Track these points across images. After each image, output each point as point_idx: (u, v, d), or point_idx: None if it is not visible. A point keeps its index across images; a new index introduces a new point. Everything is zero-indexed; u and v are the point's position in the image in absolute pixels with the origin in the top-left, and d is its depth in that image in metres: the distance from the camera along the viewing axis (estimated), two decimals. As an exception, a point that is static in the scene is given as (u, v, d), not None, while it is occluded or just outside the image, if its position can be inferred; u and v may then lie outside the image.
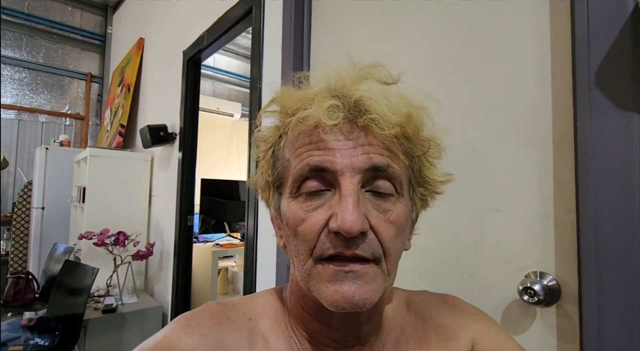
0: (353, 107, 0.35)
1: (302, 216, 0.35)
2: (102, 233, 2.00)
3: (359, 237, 0.33)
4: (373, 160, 0.34)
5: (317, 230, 0.34)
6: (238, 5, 1.60)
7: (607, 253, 0.55)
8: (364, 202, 0.34)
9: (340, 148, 0.34)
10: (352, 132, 0.35)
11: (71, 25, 3.62)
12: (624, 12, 0.54)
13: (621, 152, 0.54)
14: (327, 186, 0.35)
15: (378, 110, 0.34)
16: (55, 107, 3.51)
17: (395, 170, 0.35)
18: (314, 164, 0.34)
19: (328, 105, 0.34)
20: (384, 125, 0.34)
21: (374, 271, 0.34)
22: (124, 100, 2.84)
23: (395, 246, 0.35)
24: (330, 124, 0.34)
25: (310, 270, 0.35)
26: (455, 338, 0.43)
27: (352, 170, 0.34)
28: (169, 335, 0.37)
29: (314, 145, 0.35)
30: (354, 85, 0.37)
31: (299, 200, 0.36)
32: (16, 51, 3.34)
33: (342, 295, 0.32)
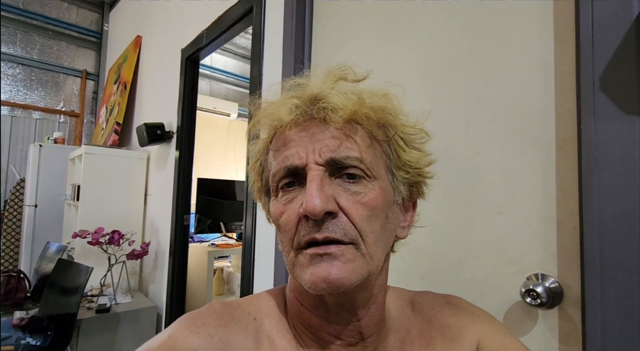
0: (312, 101, 0.38)
1: (281, 209, 0.37)
2: (97, 232, 1.97)
3: (327, 219, 0.34)
4: (332, 152, 0.36)
5: (294, 219, 0.36)
6: (238, 4, 1.59)
7: (611, 256, 0.55)
8: (332, 186, 0.36)
9: (303, 144, 0.37)
10: (312, 126, 0.37)
11: (67, 21, 3.58)
12: (630, 16, 0.54)
13: (625, 155, 0.54)
14: (301, 180, 0.37)
15: (332, 100, 0.37)
16: (49, 103, 3.47)
17: (354, 157, 0.36)
18: (285, 165, 0.37)
19: (289, 104, 0.38)
20: (337, 111, 0.36)
21: (351, 253, 0.34)
22: (120, 98, 2.81)
23: (371, 227, 0.36)
24: (288, 119, 0.37)
25: (293, 261, 0.36)
26: (460, 339, 0.43)
27: (314, 162, 0.36)
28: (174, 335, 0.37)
29: (285, 146, 0.38)
30: (321, 85, 0.40)
31: (278, 197, 0.39)
32: (10, 47, 3.29)
33: (317, 275, 0.33)
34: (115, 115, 2.79)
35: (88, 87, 3.70)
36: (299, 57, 1.20)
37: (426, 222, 0.82)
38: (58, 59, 3.54)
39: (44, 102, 3.44)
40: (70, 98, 3.60)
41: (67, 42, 3.59)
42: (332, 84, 0.40)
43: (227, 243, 2.86)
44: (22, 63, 3.33)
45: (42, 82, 3.44)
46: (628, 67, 0.55)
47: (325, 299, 0.38)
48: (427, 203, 0.44)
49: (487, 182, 0.75)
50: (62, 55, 3.56)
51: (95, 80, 3.74)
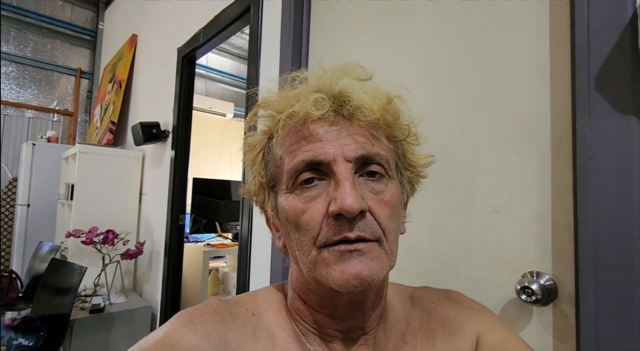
0: (337, 98, 0.38)
1: (302, 207, 0.36)
2: (91, 232, 1.95)
3: (358, 218, 0.34)
4: (363, 148, 0.36)
5: (318, 218, 0.35)
6: (236, 3, 1.59)
7: (605, 254, 0.56)
8: (359, 185, 0.36)
9: (329, 139, 0.36)
10: (338, 122, 0.37)
11: (61, 19, 3.55)
12: (624, 16, 0.55)
13: (620, 154, 0.55)
14: (322, 176, 0.36)
15: (360, 99, 0.36)
16: (42, 102, 3.43)
17: (382, 155, 0.37)
18: (308, 159, 0.36)
19: (314, 98, 0.37)
20: (367, 112, 0.36)
21: (377, 250, 0.35)
22: (115, 96, 2.79)
23: (392, 226, 0.36)
24: (318, 115, 0.36)
25: (315, 258, 0.35)
26: (460, 332, 0.44)
27: (343, 158, 0.35)
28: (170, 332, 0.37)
29: (305, 140, 0.37)
30: (334, 82, 0.39)
31: (297, 193, 0.37)
32: (3, 44, 3.25)
33: (349, 272, 0.33)
34: (110, 114, 2.77)
35: (82, 86, 3.67)
36: (296, 56, 1.20)
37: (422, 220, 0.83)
38: (52, 57, 3.50)
39: (37, 101, 3.41)
40: (64, 97, 3.56)
41: (61, 40, 3.56)
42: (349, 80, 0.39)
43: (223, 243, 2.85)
44: (15, 61, 3.30)
45: (36, 81, 3.41)
46: (623, 67, 0.56)
47: (335, 297, 0.38)
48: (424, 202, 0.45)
49: (483, 181, 0.75)
50: (56, 54, 3.53)
51: (90, 78, 3.71)
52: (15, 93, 3.30)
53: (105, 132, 2.74)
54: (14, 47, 3.31)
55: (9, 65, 3.28)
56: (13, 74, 3.30)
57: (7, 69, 3.27)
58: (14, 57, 3.29)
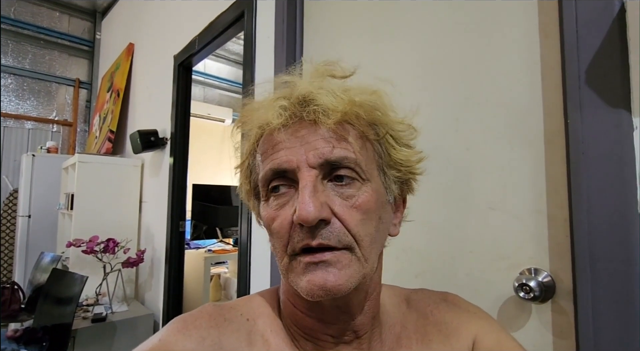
0: (301, 102, 0.37)
1: (273, 215, 0.36)
2: (91, 241, 1.95)
3: (321, 226, 0.33)
4: (325, 154, 0.35)
5: (286, 226, 0.35)
6: (230, 9, 1.60)
7: (601, 248, 0.56)
8: (325, 192, 0.35)
9: (293, 146, 0.36)
10: (302, 128, 0.36)
11: (59, 31, 3.57)
12: (611, 11, 0.55)
13: (612, 148, 0.55)
14: (291, 183, 0.36)
15: (322, 101, 0.35)
16: (42, 113, 3.45)
17: (349, 158, 0.35)
18: (274, 168, 0.36)
19: (276, 106, 0.36)
20: (330, 113, 0.35)
21: (346, 258, 0.34)
22: (113, 105, 2.80)
23: (365, 231, 0.35)
24: (278, 123, 0.36)
25: (287, 266, 0.36)
26: (456, 335, 0.43)
27: (307, 165, 0.35)
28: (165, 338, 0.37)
29: (274, 148, 0.37)
30: (309, 84, 0.38)
31: (270, 201, 0.37)
32: (2, 57, 3.28)
33: (314, 283, 0.33)
34: (108, 123, 2.78)
35: (81, 96, 3.68)
36: (290, 60, 1.20)
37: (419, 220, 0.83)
38: (50, 68, 3.52)
39: (37, 112, 3.42)
40: (63, 107, 3.58)
41: (59, 51, 3.58)
42: (320, 82, 0.38)
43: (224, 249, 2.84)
44: (13, 73, 3.31)
45: (35, 92, 3.43)
46: (612, 61, 0.56)
47: (320, 302, 0.38)
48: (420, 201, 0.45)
49: (478, 178, 0.75)
50: (54, 65, 3.55)
51: (88, 88, 3.72)
52: (14, 105, 3.32)
53: (104, 141, 2.74)
54: (13, 59, 3.33)
55: (8, 78, 3.30)
56: (12, 86, 3.32)
57: (6, 81, 3.29)
58: (13, 69, 3.31)
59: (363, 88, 0.39)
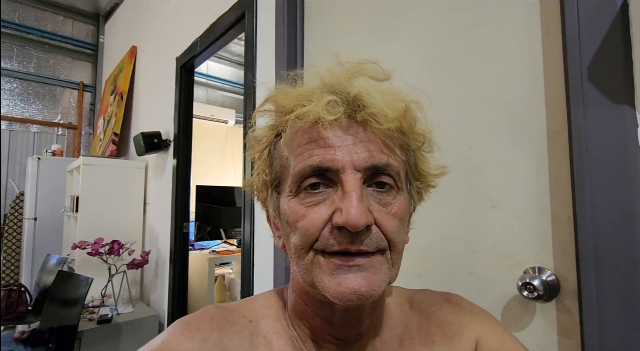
0: (352, 102, 0.35)
1: (302, 212, 0.35)
2: (96, 243, 1.97)
3: (363, 231, 0.33)
4: (374, 158, 0.34)
5: (319, 225, 0.34)
6: (231, 11, 1.60)
7: (605, 247, 0.55)
8: (366, 197, 0.34)
9: (340, 145, 0.34)
10: (350, 127, 0.35)
11: (63, 34, 3.61)
12: (614, 6, 0.55)
13: (615, 145, 0.55)
14: (328, 182, 0.35)
15: (376, 105, 0.34)
16: (47, 116, 3.48)
17: (393, 166, 0.35)
18: (315, 165, 0.34)
19: (327, 101, 0.34)
20: (382, 119, 0.34)
21: (379, 262, 0.34)
22: (117, 108, 2.82)
23: (399, 238, 0.35)
24: (330, 119, 0.34)
25: (311, 261, 0.34)
26: (459, 336, 0.43)
27: (353, 167, 0.34)
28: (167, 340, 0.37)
29: (314, 143, 0.35)
30: (349, 82, 0.37)
31: (300, 197, 0.35)
32: (7, 61, 3.31)
33: (347, 286, 0.32)
34: (112, 126, 2.80)
35: (85, 99, 3.71)
36: (291, 60, 1.20)
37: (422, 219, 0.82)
38: (55, 72, 3.56)
39: (42, 115, 3.45)
40: (67, 110, 3.61)
41: (63, 55, 3.61)
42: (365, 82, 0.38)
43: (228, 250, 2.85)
44: (19, 77, 3.35)
45: (40, 96, 3.46)
46: (615, 57, 0.55)
47: (332, 304, 0.37)
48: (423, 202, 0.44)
49: (480, 177, 0.75)
50: (58, 68, 3.58)
51: (92, 91, 3.76)
52: (20, 109, 3.35)
53: (109, 143, 2.76)
54: (18, 63, 3.37)
55: (14, 82, 3.34)
56: (17, 90, 3.36)
57: (11, 86, 3.32)
58: (18, 74, 3.34)
59: (404, 97, 0.38)
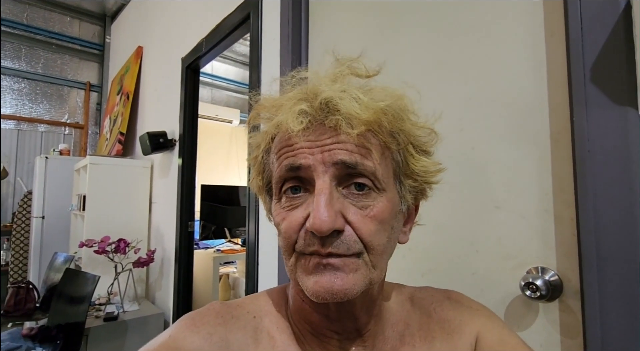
0: (323, 108, 0.35)
1: (283, 215, 0.36)
2: (103, 241, 1.99)
3: (333, 235, 0.33)
4: (341, 155, 0.34)
5: (295, 227, 0.35)
6: (236, 11, 1.62)
7: (608, 247, 0.55)
8: (340, 199, 0.35)
9: (312, 147, 0.35)
10: (323, 133, 0.35)
11: (70, 35, 3.65)
12: (616, 8, 0.55)
13: (618, 145, 0.55)
14: (307, 186, 0.36)
15: (346, 108, 0.34)
16: (54, 116, 3.52)
17: (367, 166, 0.35)
18: (289, 164, 0.36)
19: (296, 110, 0.35)
20: (353, 123, 0.34)
21: (354, 263, 0.34)
22: (123, 108, 2.85)
23: (378, 240, 0.35)
24: (297, 130, 0.35)
25: (295, 263, 0.36)
26: (459, 332, 0.43)
27: (322, 164, 0.34)
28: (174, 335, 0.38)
29: (289, 148, 0.36)
30: (331, 84, 0.37)
31: (281, 202, 0.37)
32: (15, 62, 3.36)
33: (321, 285, 0.33)
34: (118, 125, 2.83)
35: (92, 99, 3.75)
36: (296, 61, 1.21)
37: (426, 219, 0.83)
38: (62, 72, 3.60)
39: (49, 115, 3.50)
40: (74, 110, 3.65)
41: (70, 55, 3.66)
42: (342, 82, 0.37)
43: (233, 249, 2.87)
44: (27, 77, 3.40)
45: (47, 95, 3.50)
46: (618, 58, 0.55)
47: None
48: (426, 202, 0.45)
49: (483, 177, 0.75)
50: (65, 69, 3.62)
51: (99, 91, 3.80)
52: (28, 108, 3.40)
53: (115, 143, 2.79)
54: (26, 64, 3.41)
55: (22, 82, 3.38)
56: (25, 90, 3.40)
57: (20, 86, 3.37)
58: (26, 74, 3.39)
59: (388, 91, 0.38)
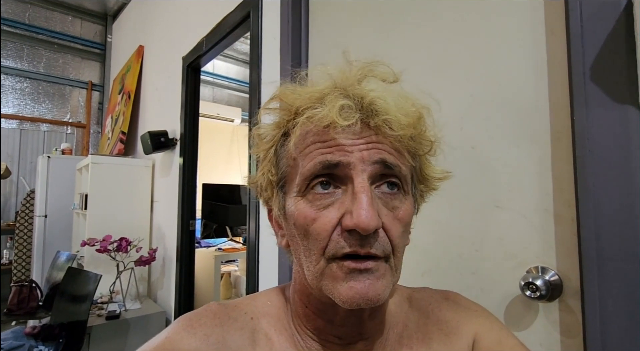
0: (366, 107, 0.35)
1: (312, 215, 0.34)
2: (105, 240, 2.00)
3: (371, 235, 0.33)
4: (382, 154, 0.34)
5: (329, 229, 0.33)
6: (236, 10, 1.61)
7: (608, 247, 0.55)
8: (375, 200, 0.34)
9: (351, 145, 0.34)
10: (363, 131, 0.35)
11: (71, 34, 3.66)
12: (617, 6, 0.54)
13: (619, 145, 0.54)
14: (338, 183, 0.35)
15: (389, 111, 0.34)
16: (56, 115, 3.54)
17: (402, 168, 0.36)
18: (326, 160, 0.34)
19: (341, 105, 0.34)
20: (395, 126, 0.34)
21: (383, 268, 0.34)
22: (124, 107, 2.86)
23: (402, 243, 0.36)
24: (344, 125, 0.34)
25: (323, 270, 0.34)
26: (457, 334, 0.43)
27: (362, 162, 0.34)
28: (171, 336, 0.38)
29: (325, 143, 0.35)
30: (360, 84, 0.37)
31: (308, 199, 0.35)
32: (17, 61, 3.37)
33: (357, 291, 0.32)
34: (120, 125, 2.84)
35: (93, 98, 3.76)
36: (296, 59, 1.21)
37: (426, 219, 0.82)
38: (64, 72, 3.61)
39: (52, 114, 3.51)
40: (76, 109, 3.66)
41: (72, 54, 3.67)
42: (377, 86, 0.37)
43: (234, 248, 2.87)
44: (29, 77, 3.41)
45: (49, 95, 3.52)
46: (618, 56, 0.55)
47: (336, 306, 0.37)
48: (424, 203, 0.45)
49: (484, 176, 0.75)
50: (67, 68, 3.64)
51: (100, 90, 3.81)
52: (30, 108, 3.41)
53: (117, 142, 2.80)
54: (28, 63, 3.43)
55: (24, 82, 3.39)
56: (28, 89, 3.42)
57: (22, 85, 3.38)
58: (29, 73, 3.40)
59: (416, 101, 0.39)
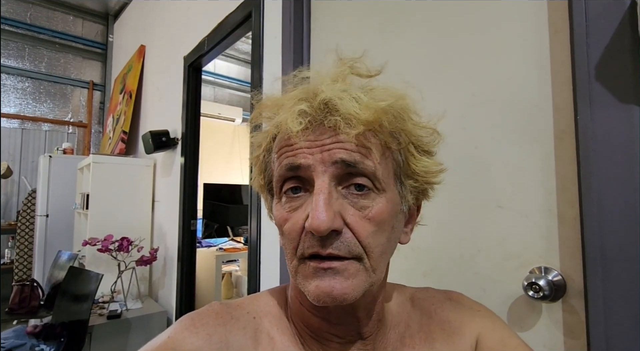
0: (322, 108, 0.35)
1: (285, 216, 0.36)
2: (106, 239, 2.00)
3: (332, 235, 0.33)
4: (341, 154, 0.34)
5: (298, 229, 0.35)
6: (238, 10, 1.61)
7: (612, 247, 0.55)
8: (339, 200, 0.35)
9: (311, 147, 0.35)
10: (322, 133, 0.35)
11: (73, 34, 3.66)
12: (622, 5, 0.54)
13: (623, 144, 0.54)
14: (307, 186, 0.36)
15: (346, 108, 0.34)
16: (58, 115, 3.54)
17: (367, 165, 0.35)
18: (289, 163, 0.36)
19: (296, 111, 0.35)
20: (352, 123, 0.34)
21: (354, 268, 0.34)
22: (126, 107, 2.86)
23: (376, 242, 0.35)
24: (296, 130, 0.35)
25: (297, 268, 0.36)
26: (460, 334, 0.43)
27: (322, 163, 0.34)
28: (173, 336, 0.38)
29: (290, 148, 0.36)
30: (332, 84, 0.37)
31: (283, 201, 0.37)
32: (19, 61, 3.38)
33: (322, 290, 0.33)
34: (121, 124, 2.84)
35: (95, 98, 3.77)
36: (297, 59, 1.21)
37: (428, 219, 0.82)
38: (65, 71, 3.61)
39: (53, 114, 3.52)
40: (77, 109, 3.67)
41: (73, 54, 3.67)
42: (343, 82, 0.37)
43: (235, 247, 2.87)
44: (30, 77, 3.41)
45: (51, 95, 3.52)
46: (623, 56, 0.55)
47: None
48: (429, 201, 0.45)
49: (486, 176, 0.74)
50: (69, 68, 3.64)
51: (102, 90, 3.81)
52: (32, 107, 3.42)
53: (118, 141, 2.80)
54: (29, 63, 3.43)
55: (25, 81, 3.40)
56: (29, 89, 3.42)
57: (24, 85, 3.39)
58: (30, 73, 3.41)
59: (389, 90, 0.38)
